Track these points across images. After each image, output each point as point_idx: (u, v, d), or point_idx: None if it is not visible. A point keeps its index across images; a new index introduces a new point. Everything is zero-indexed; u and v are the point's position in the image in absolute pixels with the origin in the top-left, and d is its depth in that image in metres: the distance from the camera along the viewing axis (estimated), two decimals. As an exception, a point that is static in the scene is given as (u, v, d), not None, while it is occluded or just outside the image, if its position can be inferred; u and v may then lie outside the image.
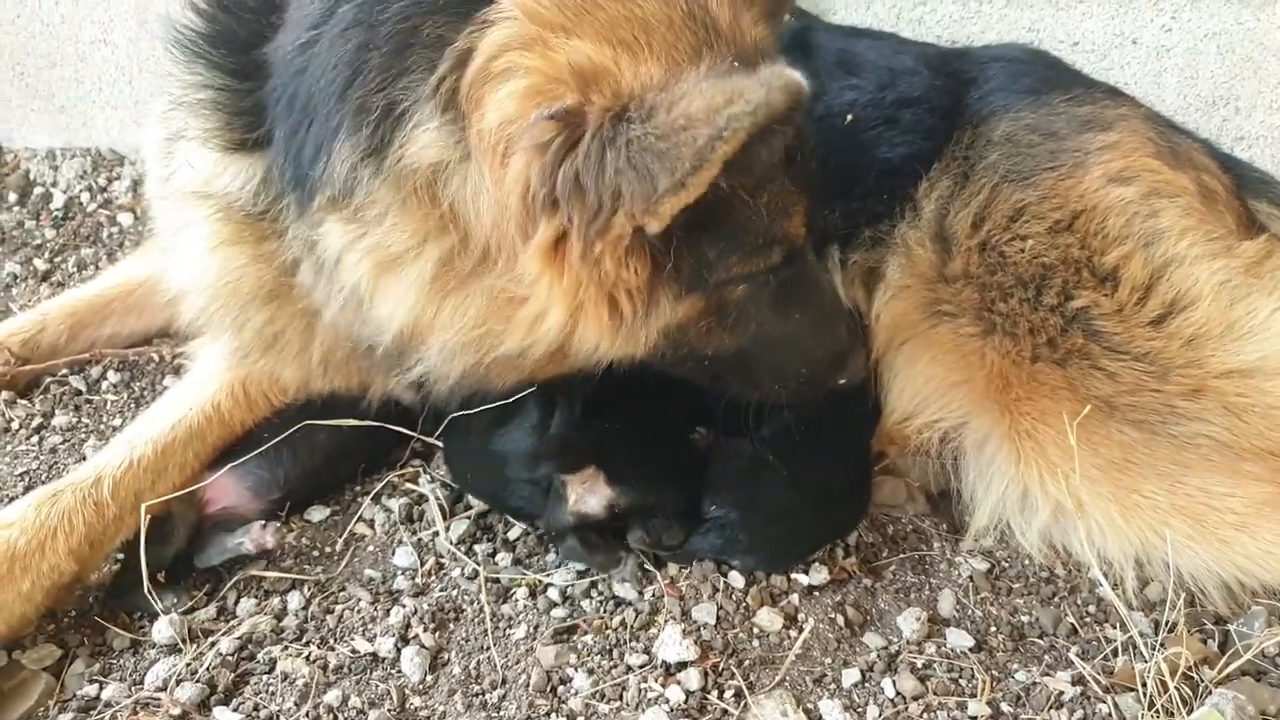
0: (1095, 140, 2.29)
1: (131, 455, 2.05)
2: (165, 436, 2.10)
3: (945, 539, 2.28)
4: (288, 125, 1.70)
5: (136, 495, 2.02)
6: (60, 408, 2.59)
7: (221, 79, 1.84)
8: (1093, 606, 2.10)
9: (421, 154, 1.54)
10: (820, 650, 1.95)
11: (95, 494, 1.98)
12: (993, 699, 1.86)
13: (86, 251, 3.27)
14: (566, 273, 1.53)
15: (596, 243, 1.47)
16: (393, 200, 1.59)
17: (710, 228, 1.59)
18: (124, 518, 2.01)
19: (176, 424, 2.13)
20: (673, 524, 2.05)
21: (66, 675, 1.89)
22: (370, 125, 1.56)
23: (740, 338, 1.83)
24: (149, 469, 2.05)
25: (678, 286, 1.65)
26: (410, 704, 1.84)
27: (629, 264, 1.53)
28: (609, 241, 1.47)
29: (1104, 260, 2.14)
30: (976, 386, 2.21)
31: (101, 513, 1.97)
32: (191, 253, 2.01)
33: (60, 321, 2.70)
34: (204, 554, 2.06)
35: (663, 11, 1.53)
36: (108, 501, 1.98)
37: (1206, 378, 2.03)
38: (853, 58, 2.48)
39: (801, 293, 1.86)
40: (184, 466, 2.11)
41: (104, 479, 2.00)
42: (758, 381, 1.97)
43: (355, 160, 1.59)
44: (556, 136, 1.42)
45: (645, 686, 1.84)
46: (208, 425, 2.16)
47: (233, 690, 1.86)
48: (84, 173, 3.59)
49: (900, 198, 2.39)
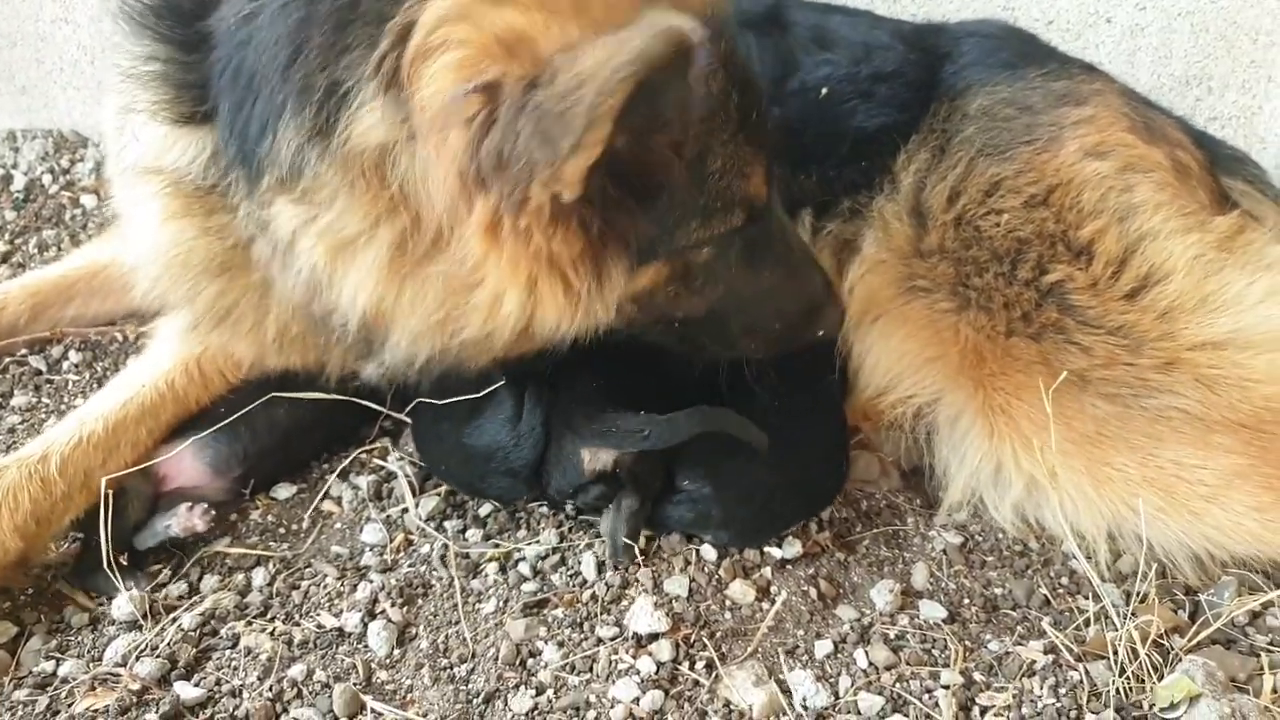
0: (1071, 115, 2.29)
1: (81, 432, 2.01)
2: (117, 413, 2.06)
3: (919, 514, 2.27)
4: (232, 100, 1.67)
5: (86, 472, 1.98)
6: (19, 387, 2.53)
7: (168, 51, 1.81)
8: (1065, 579, 2.09)
9: (368, 135, 1.51)
10: (793, 622, 1.93)
11: (42, 470, 1.93)
12: (965, 668, 1.85)
13: (48, 233, 3.21)
14: (506, 251, 1.50)
15: (520, 216, 1.44)
16: (341, 183, 1.56)
17: (648, 194, 1.57)
18: (73, 495, 1.96)
19: (129, 400, 2.09)
20: (641, 509, 2.02)
21: (22, 652, 1.84)
22: (315, 106, 1.53)
23: (710, 299, 1.81)
24: (99, 445, 2.01)
25: (628, 256, 1.62)
26: (377, 678, 1.81)
27: (558, 235, 1.49)
28: (531, 214, 1.44)
29: (1079, 234, 2.14)
30: (951, 362, 2.20)
31: (49, 490, 1.92)
32: (143, 227, 1.98)
33: (21, 301, 2.65)
34: (140, 536, 2.01)
35: None
36: (55, 478, 1.93)
37: (1179, 350, 2.03)
38: (827, 33, 2.48)
39: (771, 250, 1.85)
40: (136, 444, 2.07)
41: (51, 455, 1.95)
42: (731, 340, 1.95)
43: (301, 141, 1.56)
44: (480, 110, 1.39)
45: (616, 658, 1.82)
46: (161, 402, 2.12)
47: (194, 665, 1.81)
48: (46, 154, 3.53)
49: (878, 169, 2.38)
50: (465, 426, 2.12)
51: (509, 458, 2.08)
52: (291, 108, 1.55)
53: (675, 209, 1.63)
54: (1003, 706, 1.76)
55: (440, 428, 2.18)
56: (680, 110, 1.47)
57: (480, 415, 2.12)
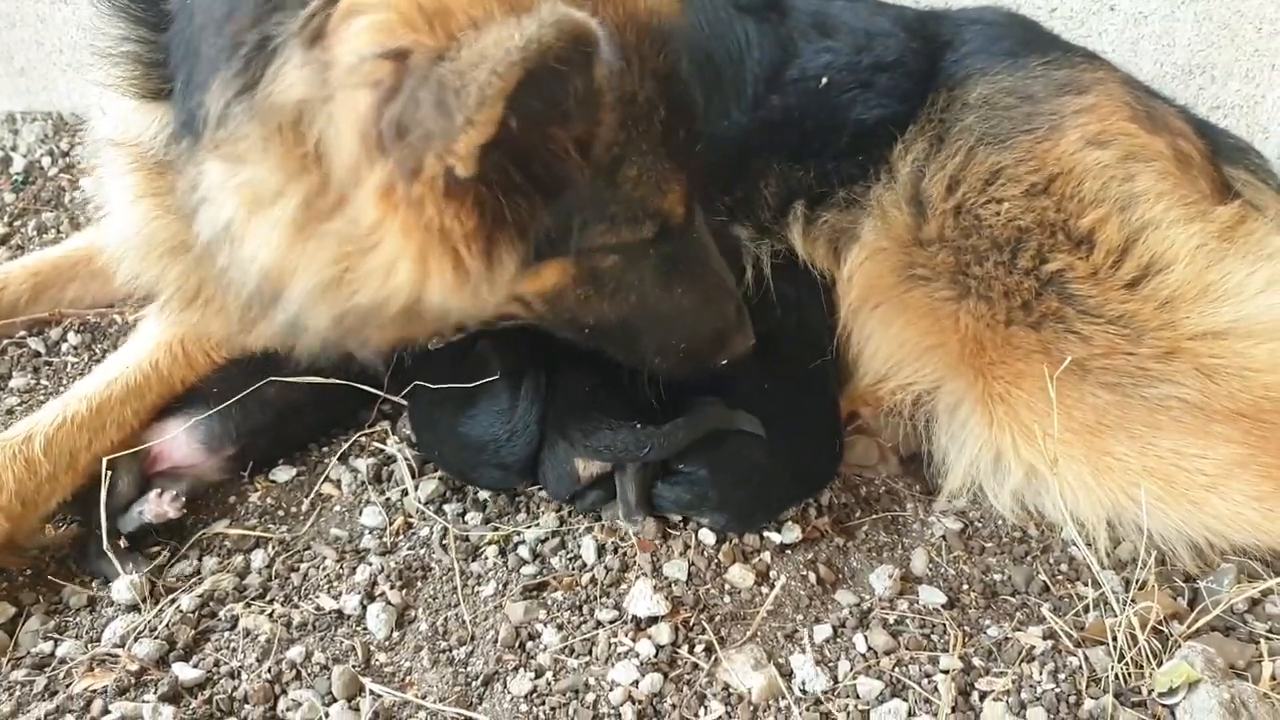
0: (1072, 103, 2.28)
1: (65, 412, 2.01)
2: (101, 393, 2.06)
3: (918, 500, 2.27)
4: (184, 70, 1.68)
5: (71, 453, 1.98)
6: (18, 369, 2.53)
7: (139, 31, 1.82)
8: (1065, 565, 2.09)
9: (289, 91, 1.49)
10: (792, 607, 1.93)
11: (26, 451, 1.93)
12: (964, 653, 1.85)
13: (47, 216, 3.20)
14: (399, 218, 1.50)
15: (415, 185, 1.44)
16: (261, 137, 1.55)
17: (552, 187, 1.56)
18: (59, 476, 1.96)
19: (113, 381, 2.09)
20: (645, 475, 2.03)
21: (20, 633, 1.84)
22: (243, 60, 1.53)
23: (621, 308, 1.83)
24: (84, 426, 2.01)
25: (523, 245, 1.61)
26: (375, 660, 1.81)
27: (450, 210, 1.48)
28: (424, 183, 1.43)
29: (1080, 223, 2.13)
30: (950, 350, 2.20)
31: (33, 470, 1.92)
32: (117, 207, 2.00)
33: (22, 281, 2.64)
34: (120, 520, 2.00)
35: None
36: (39, 459, 1.93)
37: (1180, 339, 2.02)
38: (828, 19, 2.46)
39: (687, 269, 1.84)
40: (122, 424, 2.06)
41: (36, 436, 1.95)
42: (639, 352, 1.95)
43: (229, 96, 1.55)
44: (388, 76, 1.39)
45: (615, 641, 1.82)
46: (146, 382, 2.11)
47: (193, 647, 1.82)
48: (45, 136, 3.52)
49: (876, 160, 2.37)
50: (460, 415, 2.12)
51: (500, 451, 2.09)
52: (224, 64, 1.55)
53: (581, 208, 1.63)
54: (1001, 691, 1.76)
55: (435, 414, 2.18)
56: (585, 107, 1.47)
57: (475, 406, 2.12)
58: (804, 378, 2.24)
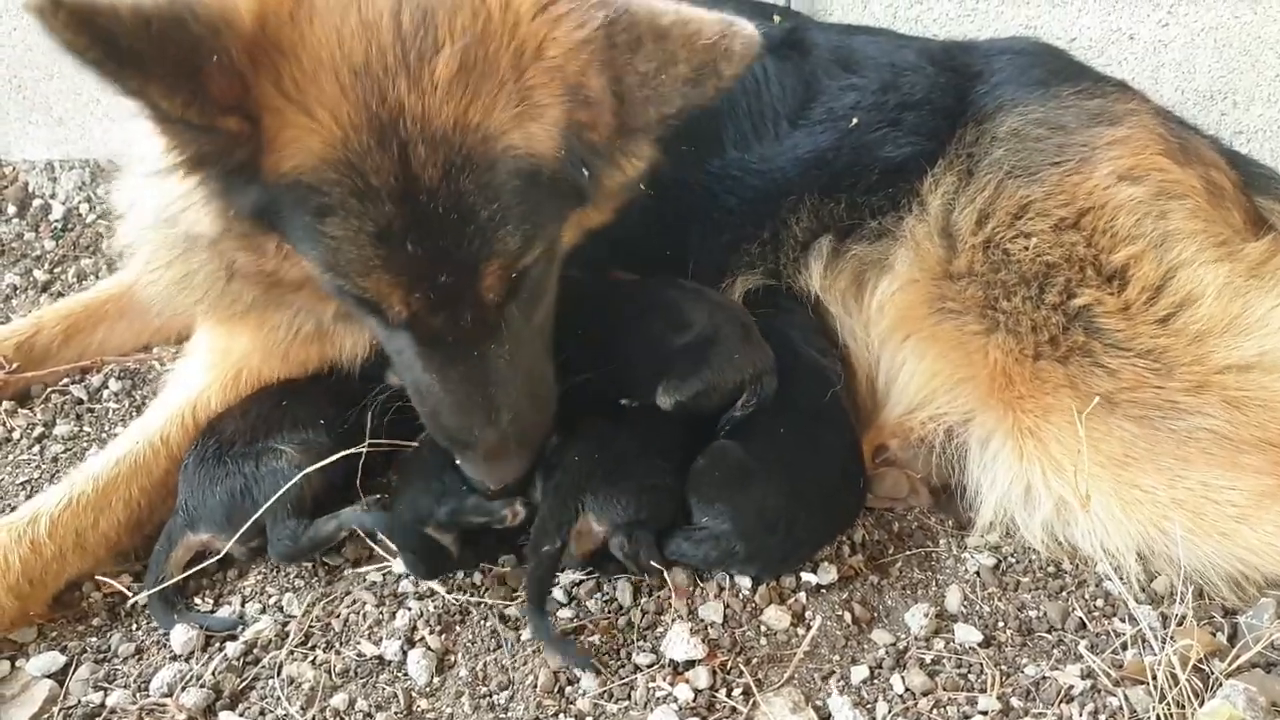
0: (1104, 135, 2.29)
1: (71, 493, 2.05)
2: (108, 472, 2.09)
3: (951, 535, 2.27)
4: None
5: (78, 532, 2.02)
6: (62, 417, 2.58)
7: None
8: (1100, 600, 2.09)
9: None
10: (828, 647, 1.94)
11: (31, 533, 1.97)
12: (1003, 694, 1.85)
13: (86, 262, 3.28)
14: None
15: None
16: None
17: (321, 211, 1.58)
18: (65, 556, 2.01)
19: (121, 459, 2.12)
20: (649, 540, 2.00)
21: (70, 682, 1.88)
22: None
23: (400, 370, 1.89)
24: (89, 506, 2.04)
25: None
26: (417, 706, 1.83)
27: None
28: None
29: (1111, 259, 2.14)
30: (980, 384, 2.21)
31: (38, 552, 1.97)
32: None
33: (55, 325, 2.70)
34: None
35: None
36: (44, 540, 1.97)
37: (1209, 374, 2.04)
38: (851, 54, 2.47)
39: (430, 367, 1.80)
40: (129, 502, 2.09)
41: (40, 518, 1.99)
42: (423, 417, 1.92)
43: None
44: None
45: (653, 685, 1.83)
46: (155, 457, 2.15)
47: (239, 695, 1.85)
48: (83, 184, 3.59)
49: (907, 192, 2.38)
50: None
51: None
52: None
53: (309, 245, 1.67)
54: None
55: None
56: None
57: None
58: (818, 415, 2.23)
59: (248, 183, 1.60)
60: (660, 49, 1.54)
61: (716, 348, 2.15)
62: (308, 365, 2.25)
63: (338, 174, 1.54)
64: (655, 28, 1.54)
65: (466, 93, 1.53)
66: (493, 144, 1.56)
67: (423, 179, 1.53)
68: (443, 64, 1.51)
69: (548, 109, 1.59)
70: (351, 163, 1.53)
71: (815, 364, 2.33)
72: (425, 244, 1.58)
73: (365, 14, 1.52)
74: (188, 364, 2.37)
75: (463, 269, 1.63)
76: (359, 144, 1.52)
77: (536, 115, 1.59)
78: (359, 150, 1.52)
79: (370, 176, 1.53)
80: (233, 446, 2.10)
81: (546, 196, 1.67)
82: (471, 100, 1.54)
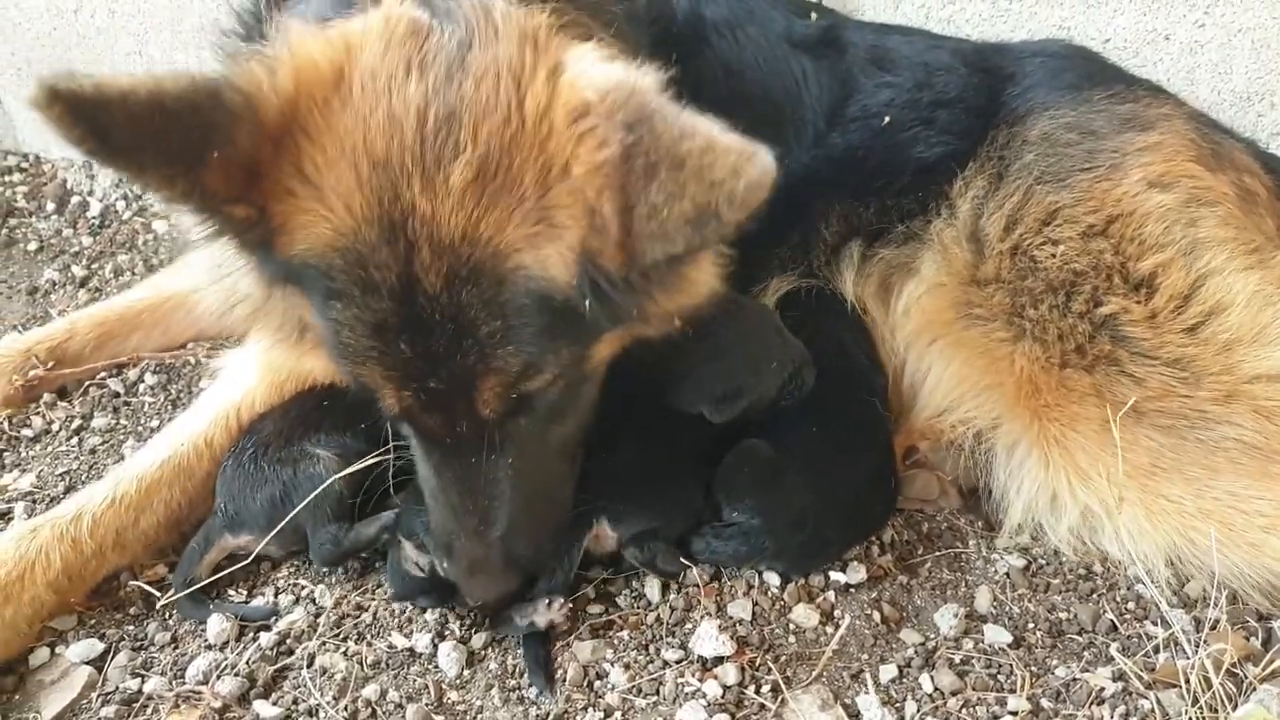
0: (1135, 141, 2.27)
1: (115, 492, 2.06)
2: (152, 473, 2.11)
3: (981, 536, 2.26)
4: None
5: (118, 531, 2.04)
6: (99, 410, 2.62)
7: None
8: (1132, 603, 2.07)
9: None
10: (857, 646, 1.94)
11: (74, 530, 2.00)
12: (1033, 694, 1.84)
13: (123, 258, 3.33)
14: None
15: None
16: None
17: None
18: (105, 553, 2.03)
19: (165, 461, 2.14)
20: (666, 548, 2.01)
21: (109, 668, 1.91)
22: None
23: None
24: (131, 506, 2.06)
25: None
26: (448, 698, 1.85)
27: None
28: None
29: (1139, 266, 2.13)
30: (1007, 391, 2.20)
31: (79, 549, 1.99)
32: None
33: (88, 330, 2.73)
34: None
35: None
36: (85, 538, 1.99)
37: (1238, 383, 2.02)
38: (886, 53, 2.47)
39: (427, 461, 1.79)
40: (169, 503, 2.11)
41: (84, 516, 2.02)
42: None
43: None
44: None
45: (682, 681, 1.84)
46: (198, 460, 2.16)
47: (272, 684, 1.87)
48: (119, 181, 3.64)
49: (936, 195, 2.38)
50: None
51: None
52: None
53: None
54: (1072, 734, 1.76)
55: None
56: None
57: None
58: (853, 418, 2.23)
59: (266, 256, 1.58)
60: (673, 179, 1.33)
61: (757, 358, 2.15)
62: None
63: (344, 262, 1.51)
64: (674, 155, 1.34)
65: (481, 204, 1.46)
66: (502, 261, 1.49)
67: (424, 283, 1.49)
68: (458, 171, 1.45)
69: (566, 231, 1.48)
70: (359, 253, 1.49)
71: (861, 368, 2.34)
72: (418, 346, 1.54)
73: (394, 107, 1.47)
74: (236, 364, 2.37)
75: (456, 379, 1.58)
76: (368, 237, 1.48)
77: (554, 237, 1.48)
78: (367, 243, 1.49)
79: (374, 271, 1.50)
80: (268, 449, 2.11)
81: (562, 322, 1.56)
82: (485, 213, 1.47)
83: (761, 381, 2.13)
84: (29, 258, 3.35)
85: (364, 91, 1.49)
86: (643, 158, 1.37)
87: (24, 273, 3.26)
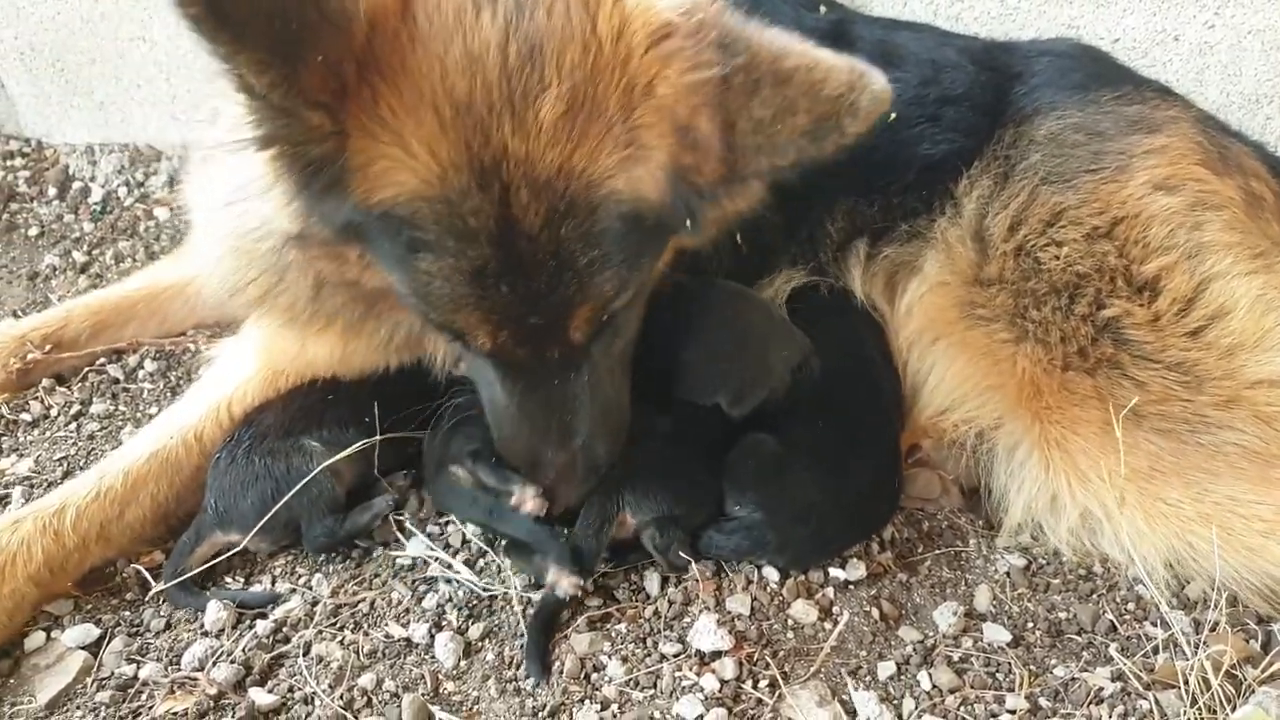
0: (1142, 143, 2.26)
1: (100, 485, 2.05)
2: (139, 466, 2.09)
3: (981, 535, 2.25)
4: None
5: (102, 524, 2.02)
6: (98, 395, 2.62)
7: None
8: (1132, 604, 2.07)
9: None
10: (855, 643, 1.94)
11: (56, 524, 1.97)
12: (1031, 693, 1.83)
13: (124, 245, 3.32)
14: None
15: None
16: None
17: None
18: (88, 546, 2.01)
19: (154, 454, 2.12)
20: (680, 535, 2.00)
21: (104, 654, 1.90)
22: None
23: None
24: (116, 500, 2.04)
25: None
26: (444, 689, 1.84)
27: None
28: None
29: (1143, 269, 2.12)
30: (1009, 392, 2.20)
31: (61, 542, 1.97)
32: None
33: (84, 319, 2.72)
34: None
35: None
36: (68, 531, 1.97)
37: (1239, 388, 2.01)
38: (894, 49, 2.45)
39: (509, 391, 1.81)
40: (156, 496, 2.10)
41: (67, 508, 2.00)
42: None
43: None
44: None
45: (680, 675, 1.83)
46: (187, 455, 2.14)
47: (268, 672, 1.86)
48: (122, 168, 3.64)
49: (941, 193, 2.37)
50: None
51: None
52: None
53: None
54: (1070, 734, 1.75)
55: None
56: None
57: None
58: (860, 415, 2.22)
59: (336, 199, 1.52)
60: (779, 95, 1.42)
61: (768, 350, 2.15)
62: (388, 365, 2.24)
63: (434, 212, 1.48)
64: (777, 71, 1.42)
65: (573, 136, 1.45)
66: (596, 189, 1.49)
67: (523, 224, 1.48)
68: (549, 105, 1.43)
69: (654, 151, 1.51)
70: (450, 201, 1.46)
71: (874, 368, 2.33)
72: (520, 287, 1.54)
73: (471, 44, 1.43)
74: (231, 354, 2.36)
75: (555, 311, 1.60)
76: (458, 184, 1.45)
77: (643, 159, 1.50)
78: (458, 190, 1.46)
79: (469, 218, 1.47)
80: (265, 440, 2.09)
81: (648, 238, 1.62)
82: (578, 145, 1.46)
83: (772, 373, 2.13)
84: (30, 243, 3.34)
85: (432, 26, 1.44)
86: (742, 74, 1.43)
87: (25, 258, 3.26)
